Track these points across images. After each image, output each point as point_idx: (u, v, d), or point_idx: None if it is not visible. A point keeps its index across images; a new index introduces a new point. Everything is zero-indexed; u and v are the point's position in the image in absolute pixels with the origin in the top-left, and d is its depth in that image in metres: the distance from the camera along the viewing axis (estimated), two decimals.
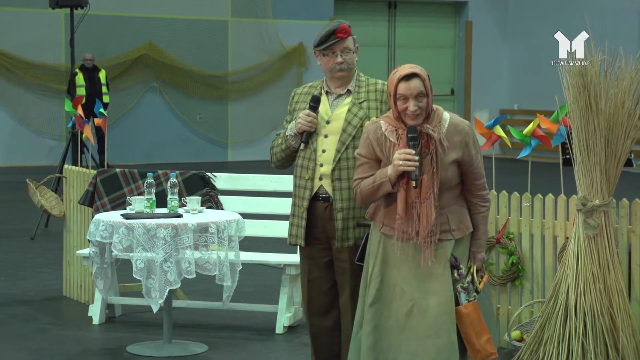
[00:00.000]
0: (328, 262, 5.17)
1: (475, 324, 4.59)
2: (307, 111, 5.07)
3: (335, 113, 5.11)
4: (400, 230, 4.59)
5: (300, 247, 5.20)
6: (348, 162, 5.02)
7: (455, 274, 4.61)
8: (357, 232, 5.06)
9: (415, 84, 4.51)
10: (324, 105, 5.13)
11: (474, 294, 4.64)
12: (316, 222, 5.12)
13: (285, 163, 5.26)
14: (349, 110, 5.08)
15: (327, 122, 5.10)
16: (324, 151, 5.07)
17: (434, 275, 4.58)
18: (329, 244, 5.13)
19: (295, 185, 5.18)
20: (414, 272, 4.61)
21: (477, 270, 4.72)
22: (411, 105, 4.51)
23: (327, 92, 5.16)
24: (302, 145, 5.10)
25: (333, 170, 5.03)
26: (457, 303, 4.60)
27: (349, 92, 5.13)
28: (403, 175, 4.55)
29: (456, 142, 4.57)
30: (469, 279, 4.64)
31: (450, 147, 4.56)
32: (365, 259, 4.79)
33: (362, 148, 4.74)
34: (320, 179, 5.08)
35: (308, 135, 5.08)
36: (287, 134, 5.16)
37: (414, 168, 4.47)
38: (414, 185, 4.48)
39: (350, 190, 5.02)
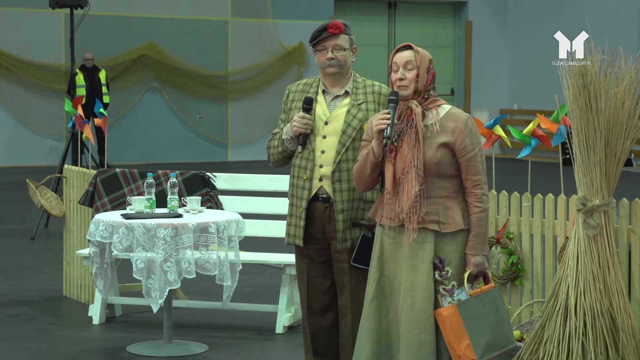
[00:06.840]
0: (325, 261, 5.16)
1: (455, 328, 4.55)
2: (302, 113, 5.06)
3: (334, 114, 5.09)
4: (389, 208, 4.62)
5: (297, 247, 5.19)
6: (348, 164, 5.01)
7: (437, 275, 4.59)
8: (355, 233, 5.06)
9: (406, 54, 4.64)
10: (321, 106, 5.11)
11: (458, 297, 4.60)
12: (314, 222, 5.10)
13: (283, 162, 5.28)
14: (347, 111, 5.06)
15: (326, 123, 5.08)
16: (323, 152, 5.06)
17: (420, 268, 4.58)
18: (327, 244, 5.13)
19: (292, 185, 5.16)
20: (405, 264, 4.62)
21: (475, 277, 4.68)
22: (398, 73, 4.63)
23: (324, 92, 5.15)
24: (300, 147, 5.10)
25: (333, 172, 5.02)
26: (438, 304, 4.59)
27: (346, 93, 5.11)
28: (391, 150, 4.61)
29: (449, 127, 4.61)
30: (454, 282, 4.62)
31: (442, 131, 4.60)
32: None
33: (365, 134, 4.81)
34: (320, 179, 5.06)
35: (305, 137, 5.07)
36: (283, 137, 5.14)
37: (386, 126, 4.54)
38: (384, 143, 4.56)
39: (351, 191, 5.02)
